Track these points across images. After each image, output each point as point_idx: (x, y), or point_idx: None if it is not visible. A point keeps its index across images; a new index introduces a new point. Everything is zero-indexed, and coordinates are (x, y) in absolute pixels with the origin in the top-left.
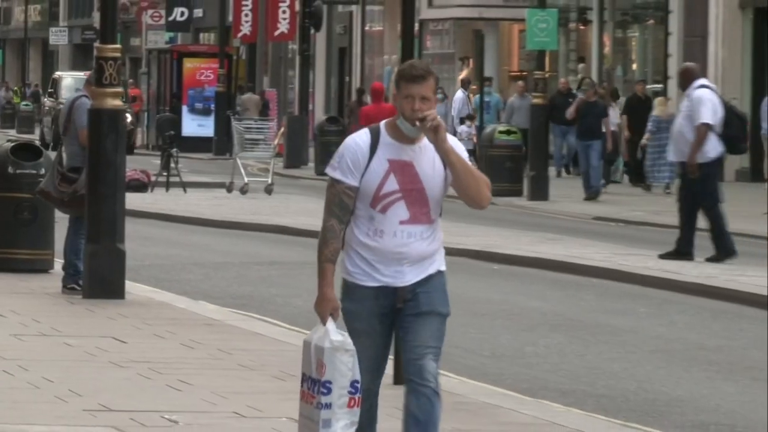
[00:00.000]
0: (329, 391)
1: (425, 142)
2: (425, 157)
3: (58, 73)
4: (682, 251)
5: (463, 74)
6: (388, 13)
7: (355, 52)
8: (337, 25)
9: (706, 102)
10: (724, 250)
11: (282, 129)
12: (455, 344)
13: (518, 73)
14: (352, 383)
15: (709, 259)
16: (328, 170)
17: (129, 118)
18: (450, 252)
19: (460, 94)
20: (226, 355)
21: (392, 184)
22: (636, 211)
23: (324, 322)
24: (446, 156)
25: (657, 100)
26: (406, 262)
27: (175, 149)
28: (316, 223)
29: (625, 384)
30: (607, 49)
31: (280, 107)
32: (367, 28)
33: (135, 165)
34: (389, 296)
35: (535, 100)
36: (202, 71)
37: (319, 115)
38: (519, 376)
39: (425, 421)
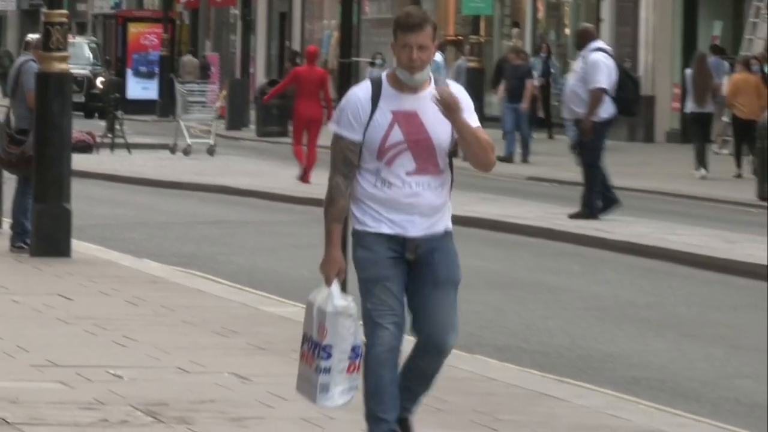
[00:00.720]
0: (329, 355)
1: (429, 91)
2: (430, 106)
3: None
4: (608, 204)
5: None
6: None
7: (295, 17)
8: None
9: (602, 66)
10: (589, 208)
11: (224, 92)
12: None
13: (454, 38)
14: (354, 348)
15: (573, 216)
16: (332, 125)
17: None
18: None
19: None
20: (170, 312)
21: (397, 135)
22: (569, 172)
23: (329, 284)
24: (460, 131)
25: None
26: (417, 213)
27: (119, 111)
28: (257, 182)
29: (559, 340)
30: (540, 14)
31: (222, 71)
32: None
33: (81, 127)
34: (400, 244)
35: (471, 64)
36: (146, 36)
37: (260, 78)
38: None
39: (432, 374)
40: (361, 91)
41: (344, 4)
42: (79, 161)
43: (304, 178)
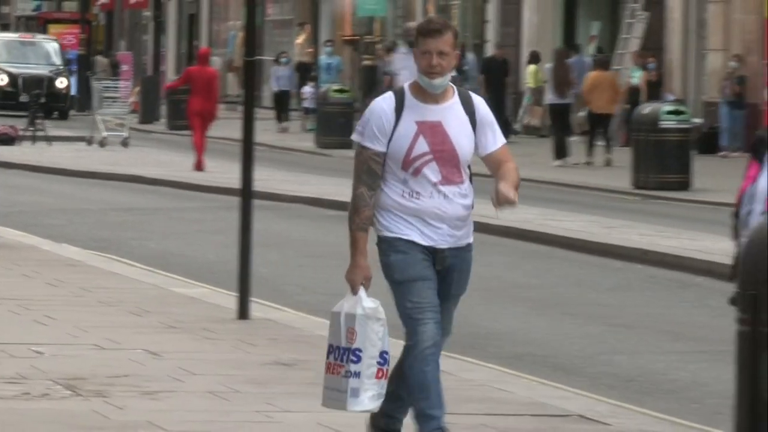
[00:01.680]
0: (359, 359)
1: (452, 101)
2: (453, 116)
3: None
4: None
5: (301, 39)
6: None
7: (203, 18)
8: None
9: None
10: None
11: (137, 88)
12: (294, 283)
13: (351, 37)
14: (382, 354)
15: None
16: (355, 136)
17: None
18: (287, 199)
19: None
20: (87, 293)
21: (422, 146)
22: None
23: (355, 292)
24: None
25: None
26: (445, 224)
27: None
28: (167, 172)
29: None
30: (431, 15)
31: (135, 69)
32: None
33: (4, 121)
34: (432, 254)
35: (366, 62)
36: (65, 36)
37: (171, 75)
38: None
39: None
40: (385, 102)
41: (248, 6)
42: (2, 153)
43: (198, 166)
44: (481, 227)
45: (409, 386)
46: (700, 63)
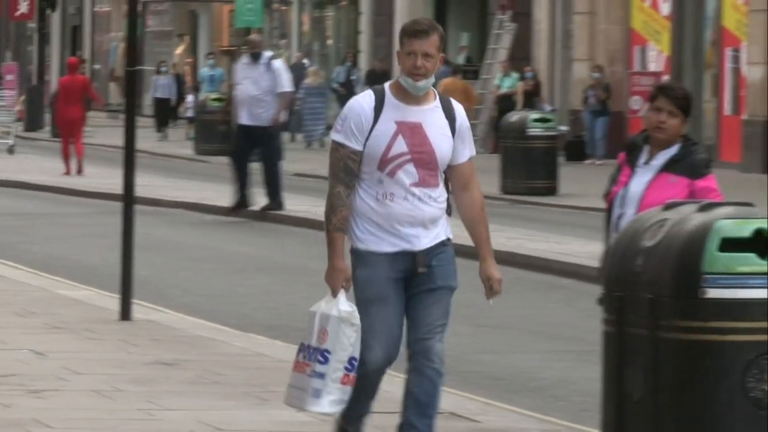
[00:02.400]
0: (326, 360)
1: (433, 105)
2: (434, 119)
3: None
4: (278, 202)
5: (180, 50)
6: None
7: (85, 30)
8: (70, 6)
9: (286, 71)
10: (278, 202)
11: (22, 97)
12: (175, 285)
13: (228, 48)
14: (350, 359)
15: (265, 208)
16: (333, 134)
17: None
18: (167, 204)
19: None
20: None
21: (401, 146)
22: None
23: (335, 294)
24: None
25: (310, 71)
26: (420, 225)
27: None
28: (51, 179)
29: None
30: (306, 27)
31: (21, 78)
32: (96, 8)
33: None
34: (407, 261)
35: None
36: None
37: (54, 85)
38: (230, 313)
39: (426, 402)
40: (364, 100)
41: (130, 18)
42: None
43: (67, 172)
44: None
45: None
46: (566, 72)
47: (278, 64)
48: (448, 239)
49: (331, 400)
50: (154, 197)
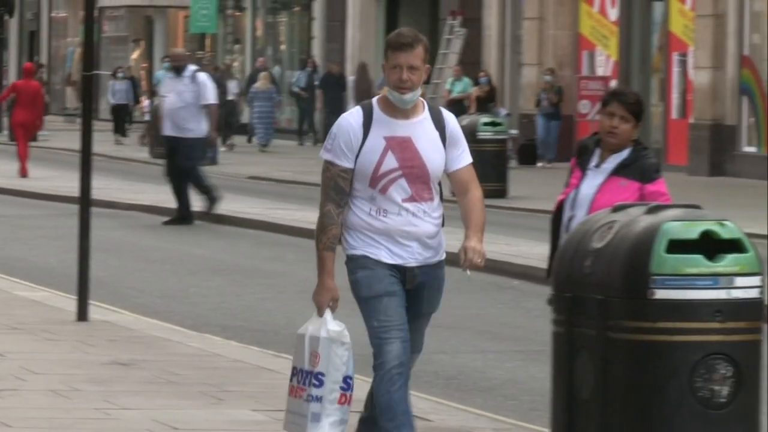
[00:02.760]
0: (321, 383)
1: (422, 117)
2: (423, 132)
3: None
4: (184, 216)
5: (135, 55)
6: (71, 1)
7: (43, 36)
8: (27, 11)
9: (211, 85)
10: (213, 198)
11: None
12: (131, 286)
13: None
14: (345, 378)
15: (207, 210)
16: (323, 152)
17: None
18: (123, 207)
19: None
20: None
21: (391, 162)
22: (284, 171)
23: (321, 313)
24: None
25: (260, 75)
26: (414, 241)
27: None
28: (8, 182)
29: (276, 320)
30: (259, 33)
31: None
32: (53, 14)
33: None
34: (400, 272)
35: None
36: None
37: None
38: (185, 314)
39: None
40: (353, 117)
41: (86, 24)
42: None
43: (23, 173)
44: (307, 233)
45: (376, 407)
46: (516, 77)
47: (203, 77)
48: (441, 261)
49: (332, 422)
50: (110, 200)
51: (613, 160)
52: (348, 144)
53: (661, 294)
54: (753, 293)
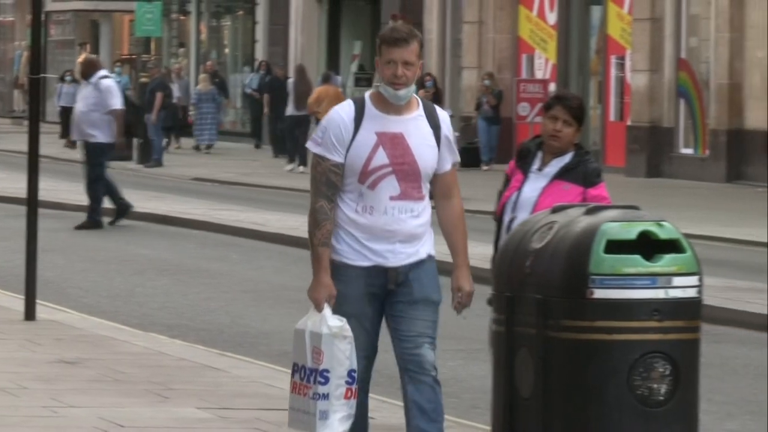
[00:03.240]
0: (327, 380)
1: (416, 113)
2: (416, 129)
3: None
4: (95, 221)
5: (81, 58)
6: (18, 5)
7: None
8: None
9: (115, 91)
10: (123, 207)
11: None
12: (77, 286)
13: (128, 56)
14: (349, 372)
15: (112, 222)
16: (311, 146)
17: None
18: (71, 208)
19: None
20: None
21: (381, 158)
22: (228, 173)
23: (320, 309)
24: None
25: (200, 77)
26: (398, 241)
27: None
28: None
29: (220, 319)
30: (203, 36)
31: None
32: (0, 18)
33: None
34: (380, 276)
35: (142, 79)
36: None
37: None
38: (131, 313)
39: (431, 409)
40: (344, 110)
41: (33, 28)
42: None
43: None
44: (251, 234)
45: None
46: (456, 80)
47: (107, 83)
48: (429, 256)
49: (340, 418)
50: (57, 201)
51: (556, 164)
52: (339, 138)
53: (599, 294)
54: (690, 293)
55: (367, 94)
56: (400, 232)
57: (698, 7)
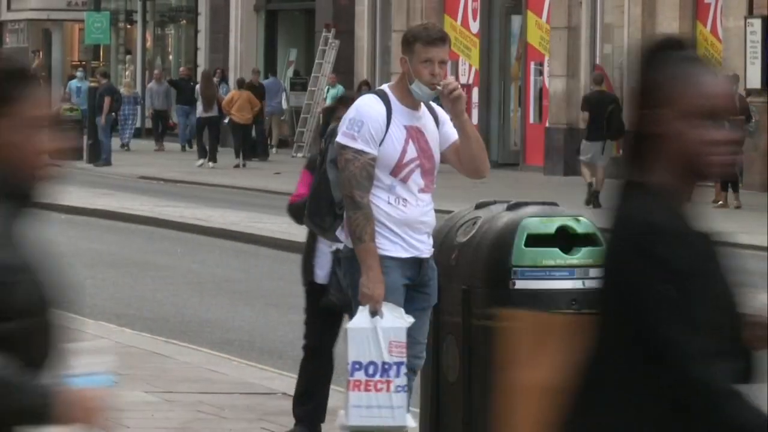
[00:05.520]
0: (401, 373)
1: (422, 109)
2: (429, 124)
3: None
4: None
5: (34, 65)
6: None
7: None
8: None
9: None
10: None
11: None
12: None
13: (78, 63)
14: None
15: None
16: (346, 141)
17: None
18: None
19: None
20: None
21: (412, 151)
22: (173, 172)
23: (379, 306)
24: (464, 126)
25: (124, 82)
26: (425, 232)
27: None
28: None
29: (166, 309)
30: (149, 44)
31: None
32: None
33: None
34: (414, 267)
35: (92, 84)
36: None
37: None
38: (82, 304)
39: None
40: (377, 104)
41: None
42: None
43: None
44: (195, 229)
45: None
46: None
47: None
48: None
49: (409, 411)
50: None
51: None
52: (377, 132)
53: (521, 284)
54: None
55: (386, 88)
56: (428, 224)
57: (612, 16)
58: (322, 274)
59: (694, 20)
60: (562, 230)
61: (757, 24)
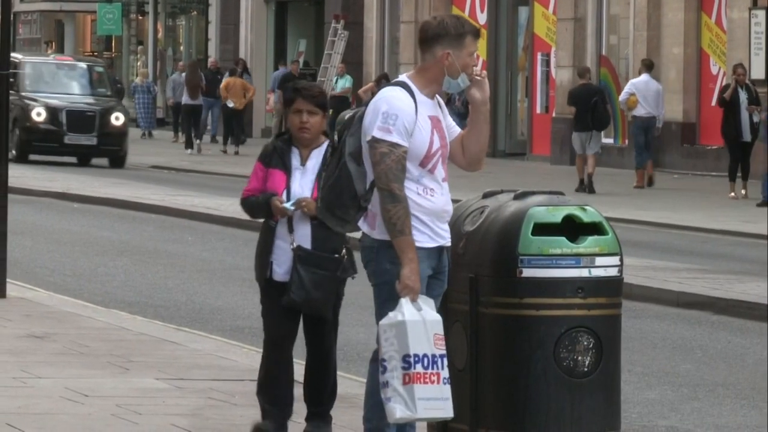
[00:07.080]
0: (444, 365)
1: (438, 98)
2: (443, 113)
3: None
4: None
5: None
6: None
7: None
8: None
9: None
10: None
11: None
12: (44, 266)
13: (91, 54)
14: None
15: None
16: (382, 135)
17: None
18: (37, 193)
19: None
20: None
21: (437, 141)
22: (184, 162)
23: (416, 296)
24: (486, 115)
25: (140, 72)
26: (447, 221)
27: None
28: None
29: (177, 296)
30: (160, 35)
31: None
32: None
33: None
34: (437, 256)
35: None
36: None
37: None
38: (94, 291)
39: None
40: (405, 96)
41: (3, 28)
42: None
43: None
44: (205, 218)
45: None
46: (394, 76)
47: None
48: None
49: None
50: (26, 187)
51: (316, 157)
52: (410, 124)
53: (527, 273)
54: (612, 272)
55: (406, 77)
56: (450, 212)
57: (618, 7)
58: (280, 271)
59: (699, 11)
60: (569, 219)
61: (761, 15)
